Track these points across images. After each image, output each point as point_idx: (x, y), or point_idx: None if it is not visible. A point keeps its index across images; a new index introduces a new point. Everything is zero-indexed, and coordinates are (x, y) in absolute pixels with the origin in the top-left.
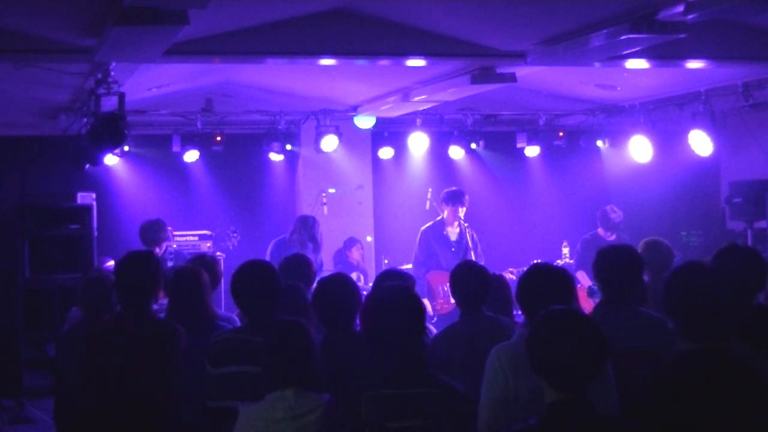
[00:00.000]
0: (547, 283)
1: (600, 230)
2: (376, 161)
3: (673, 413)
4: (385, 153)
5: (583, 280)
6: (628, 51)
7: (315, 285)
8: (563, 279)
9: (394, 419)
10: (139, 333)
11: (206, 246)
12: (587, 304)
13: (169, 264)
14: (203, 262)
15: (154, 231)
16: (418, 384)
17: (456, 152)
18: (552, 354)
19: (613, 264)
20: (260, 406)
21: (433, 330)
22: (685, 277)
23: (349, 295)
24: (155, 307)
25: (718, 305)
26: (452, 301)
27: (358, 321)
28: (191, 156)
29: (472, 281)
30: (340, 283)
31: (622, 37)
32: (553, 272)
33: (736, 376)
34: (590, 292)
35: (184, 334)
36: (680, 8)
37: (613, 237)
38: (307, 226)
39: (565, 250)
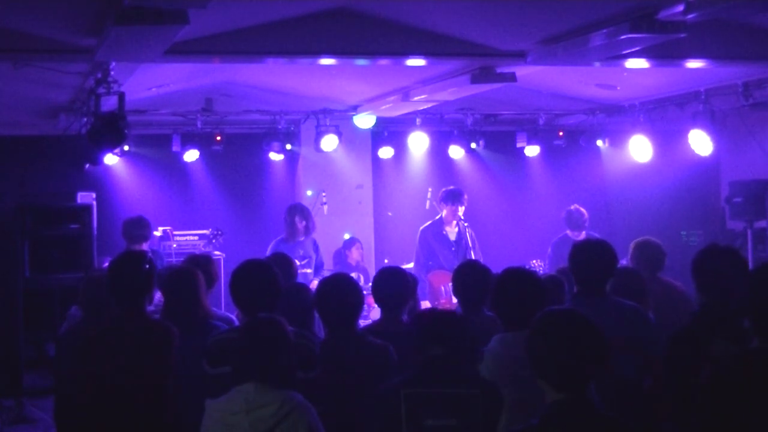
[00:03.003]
0: (521, 286)
1: (568, 231)
2: (376, 161)
3: (744, 406)
4: (385, 153)
5: None
6: (628, 51)
7: (317, 285)
8: (537, 282)
9: (432, 417)
10: (134, 334)
11: (207, 247)
12: None
13: None
14: (196, 263)
15: (141, 227)
16: (459, 383)
17: (456, 152)
18: (553, 355)
19: (586, 257)
20: (223, 399)
21: None
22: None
23: (351, 296)
24: (150, 308)
25: None
26: (455, 300)
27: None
28: (191, 156)
29: (472, 281)
30: (342, 284)
31: (622, 37)
32: (526, 276)
33: None
34: None
35: (178, 334)
36: (680, 8)
37: (582, 236)
38: (288, 212)
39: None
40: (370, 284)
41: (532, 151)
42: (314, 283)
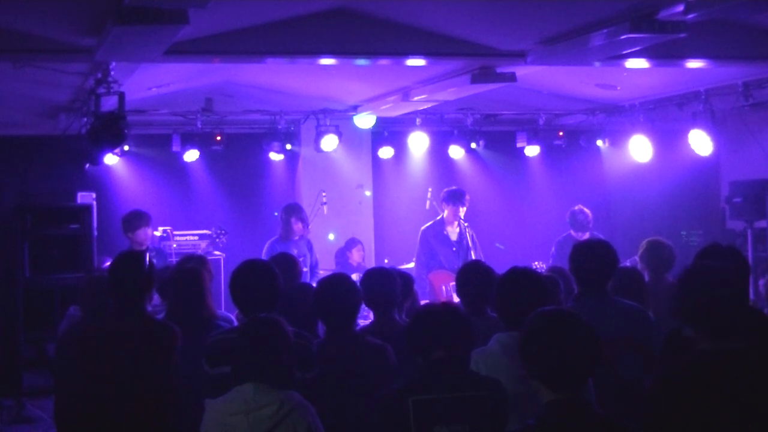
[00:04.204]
0: (526, 286)
1: (572, 232)
2: (376, 161)
3: (693, 411)
4: (385, 153)
5: None
6: (628, 50)
7: (315, 285)
8: (539, 282)
9: (442, 424)
10: (135, 334)
11: (209, 247)
12: None
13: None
14: (193, 263)
15: (136, 217)
16: (466, 386)
17: (456, 152)
18: (547, 355)
19: (586, 257)
20: (222, 399)
21: None
22: (697, 279)
23: (349, 295)
24: (149, 308)
25: (733, 303)
26: (455, 300)
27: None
28: (191, 156)
29: (476, 281)
30: (341, 284)
31: (622, 37)
32: (532, 276)
33: (758, 375)
34: None
35: (180, 333)
36: (680, 8)
37: (586, 236)
38: (285, 212)
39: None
40: None
41: (532, 151)
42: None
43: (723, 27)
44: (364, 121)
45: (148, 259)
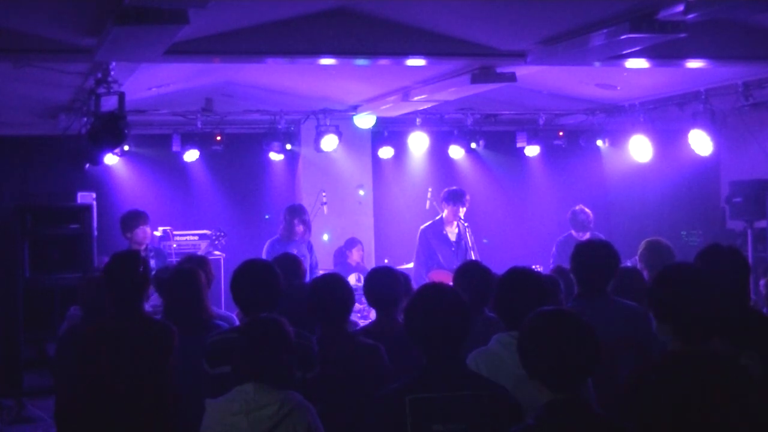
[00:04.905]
0: (525, 286)
1: (572, 231)
2: (376, 161)
3: (667, 412)
4: (385, 153)
5: None
6: (628, 50)
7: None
8: (540, 282)
9: (439, 422)
10: (133, 333)
11: (209, 247)
12: None
13: (152, 262)
14: (193, 263)
15: (133, 217)
16: (465, 386)
17: (456, 152)
18: (547, 355)
19: (589, 258)
20: (222, 399)
21: None
22: (672, 279)
23: (343, 295)
24: (148, 308)
25: (708, 305)
26: None
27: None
28: (191, 156)
29: (474, 281)
30: (334, 283)
31: (622, 37)
32: (531, 276)
33: (729, 376)
34: None
35: (179, 334)
36: (680, 8)
37: (587, 236)
38: (288, 213)
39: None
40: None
41: (532, 151)
42: None
43: (723, 27)
44: (364, 121)
45: (141, 259)
